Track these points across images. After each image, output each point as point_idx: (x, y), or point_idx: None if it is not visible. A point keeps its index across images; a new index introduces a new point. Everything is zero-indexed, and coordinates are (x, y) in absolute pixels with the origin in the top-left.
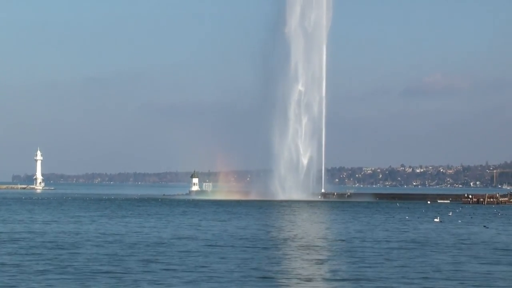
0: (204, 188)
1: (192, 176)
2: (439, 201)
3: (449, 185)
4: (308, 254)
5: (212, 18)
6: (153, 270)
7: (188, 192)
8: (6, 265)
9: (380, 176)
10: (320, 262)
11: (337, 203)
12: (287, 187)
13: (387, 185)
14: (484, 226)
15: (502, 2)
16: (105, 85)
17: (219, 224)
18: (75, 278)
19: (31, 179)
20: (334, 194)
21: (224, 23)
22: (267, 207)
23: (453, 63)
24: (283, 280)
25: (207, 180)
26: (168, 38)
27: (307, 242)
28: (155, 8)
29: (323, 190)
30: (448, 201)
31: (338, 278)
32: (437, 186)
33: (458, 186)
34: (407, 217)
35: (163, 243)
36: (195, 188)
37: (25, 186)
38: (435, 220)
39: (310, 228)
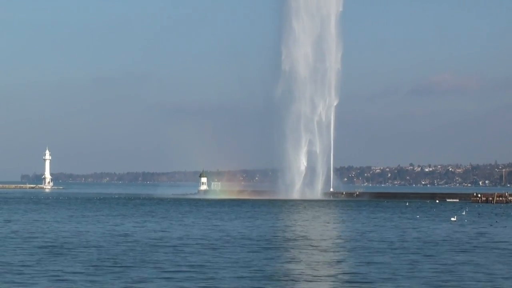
0: (213, 188)
1: (201, 175)
2: (448, 200)
3: (458, 184)
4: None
5: (219, 19)
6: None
7: (197, 191)
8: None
9: (389, 175)
10: (338, 262)
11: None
12: (297, 186)
13: (396, 184)
14: (491, 225)
15: (510, 1)
16: (114, 85)
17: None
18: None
19: (39, 179)
20: (342, 193)
21: (231, 24)
22: (277, 207)
23: (462, 62)
24: (295, 281)
25: (216, 180)
26: (176, 38)
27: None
28: (163, 9)
29: (331, 189)
30: (457, 200)
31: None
32: (446, 185)
33: (467, 185)
34: (425, 217)
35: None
36: (203, 187)
37: (34, 185)
38: (452, 219)
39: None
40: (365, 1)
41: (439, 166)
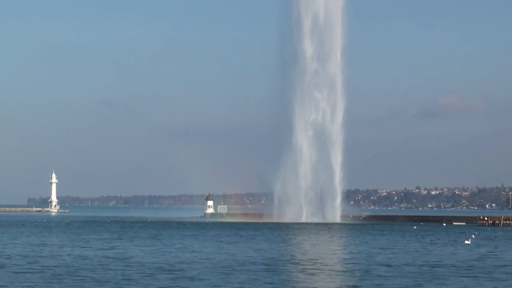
0: (219, 211)
1: (207, 198)
2: (454, 223)
3: (464, 207)
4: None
5: (226, 40)
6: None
7: (203, 214)
8: None
9: (396, 198)
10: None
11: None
12: (304, 209)
13: (403, 207)
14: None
15: None
16: (120, 107)
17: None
18: None
19: (46, 202)
20: (349, 216)
21: (236, 46)
22: (284, 230)
23: (469, 85)
24: None
25: (222, 203)
26: (182, 60)
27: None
28: (169, 30)
29: None
30: (464, 224)
31: None
32: (453, 208)
33: (473, 208)
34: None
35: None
36: (210, 210)
37: (40, 209)
38: (466, 242)
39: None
40: (372, 24)
41: (445, 189)
